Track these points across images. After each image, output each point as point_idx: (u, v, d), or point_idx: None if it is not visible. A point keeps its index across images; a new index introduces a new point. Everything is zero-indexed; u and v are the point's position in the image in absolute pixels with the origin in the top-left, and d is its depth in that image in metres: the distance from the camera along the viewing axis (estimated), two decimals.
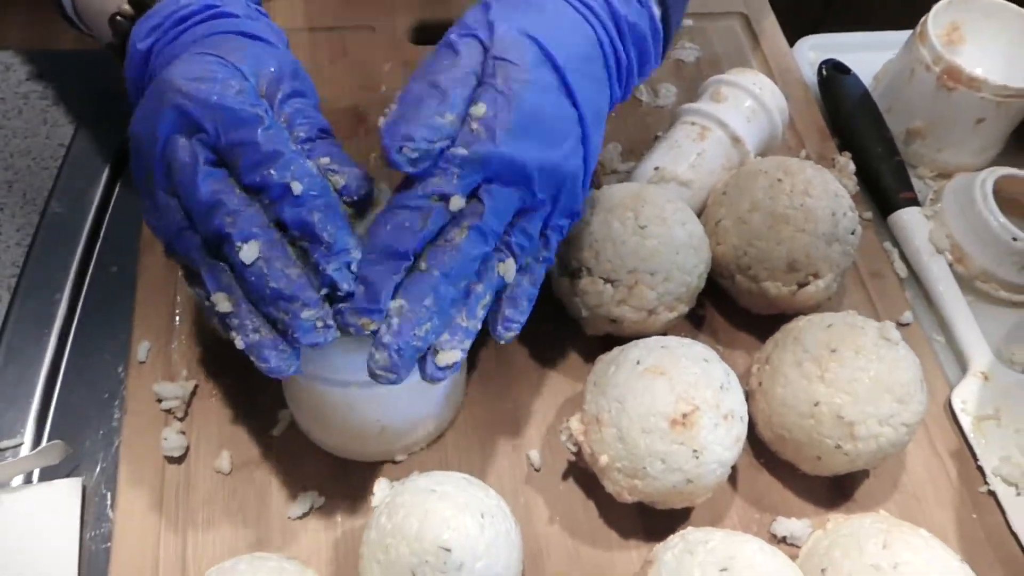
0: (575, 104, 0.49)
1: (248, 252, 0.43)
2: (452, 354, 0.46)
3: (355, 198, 0.47)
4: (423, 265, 0.45)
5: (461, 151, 0.45)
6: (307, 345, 0.43)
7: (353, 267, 0.44)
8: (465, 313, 0.46)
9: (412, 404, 0.55)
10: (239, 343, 0.44)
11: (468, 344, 0.46)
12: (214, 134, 0.44)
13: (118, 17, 0.52)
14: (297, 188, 0.44)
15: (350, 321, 0.44)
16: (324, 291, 0.44)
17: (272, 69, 0.48)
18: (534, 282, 0.50)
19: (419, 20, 0.83)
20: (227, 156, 0.45)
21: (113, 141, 0.73)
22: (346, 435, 0.56)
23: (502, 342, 0.49)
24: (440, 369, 0.46)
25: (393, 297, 0.44)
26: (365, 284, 0.44)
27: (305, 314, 0.43)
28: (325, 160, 0.46)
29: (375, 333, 0.44)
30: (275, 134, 0.45)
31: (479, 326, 0.47)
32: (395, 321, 0.44)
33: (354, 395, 0.50)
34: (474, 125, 0.45)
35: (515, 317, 0.49)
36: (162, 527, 0.54)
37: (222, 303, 0.44)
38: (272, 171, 0.44)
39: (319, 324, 0.43)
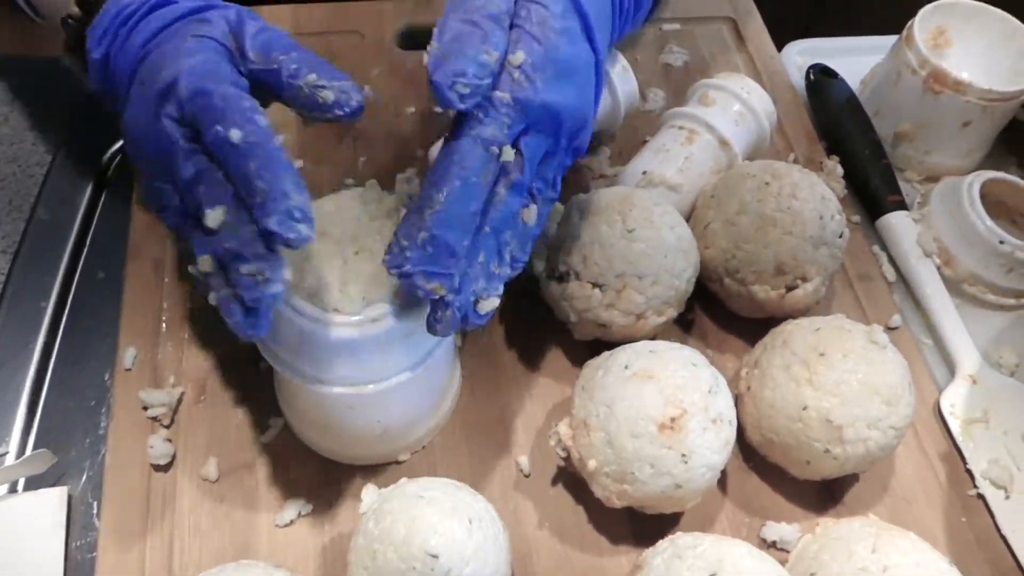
0: (594, 49, 0.50)
1: (213, 217, 0.43)
2: (491, 302, 0.46)
3: (347, 110, 0.46)
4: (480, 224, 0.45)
5: (507, 97, 0.45)
6: (250, 303, 0.43)
7: (296, 214, 0.42)
8: (498, 261, 0.47)
9: (412, 402, 0.55)
10: (211, 298, 0.44)
11: (502, 289, 0.47)
12: (180, 104, 0.44)
13: (69, 20, 0.52)
14: (236, 136, 0.42)
15: (420, 285, 0.44)
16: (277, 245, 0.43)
17: (232, 17, 0.48)
18: (539, 223, 0.50)
19: (407, 25, 0.83)
20: (193, 121, 0.44)
21: (100, 148, 0.72)
22: (346, 438, 0.55)
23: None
24: (481, 316, 0.46)
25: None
26: (437, 246, 0.44)
27: (244, 268, 0.42)
28: (312, 77, 0.46)
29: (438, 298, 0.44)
30: (228, 89, 0.44)
31: (508, 271, 0.48)
32: (456, 280, 0.45)
33: (354, 396, 0.49)
34: (515, 73, 0.45)
35: (520, 257, 0.49)
36: (148, 535, 0.53)
37: (204, 264, 0.44)
38: (219, 126, 0.43)
39: (258, 278, 0.42)
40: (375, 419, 0.54)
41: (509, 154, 0.45)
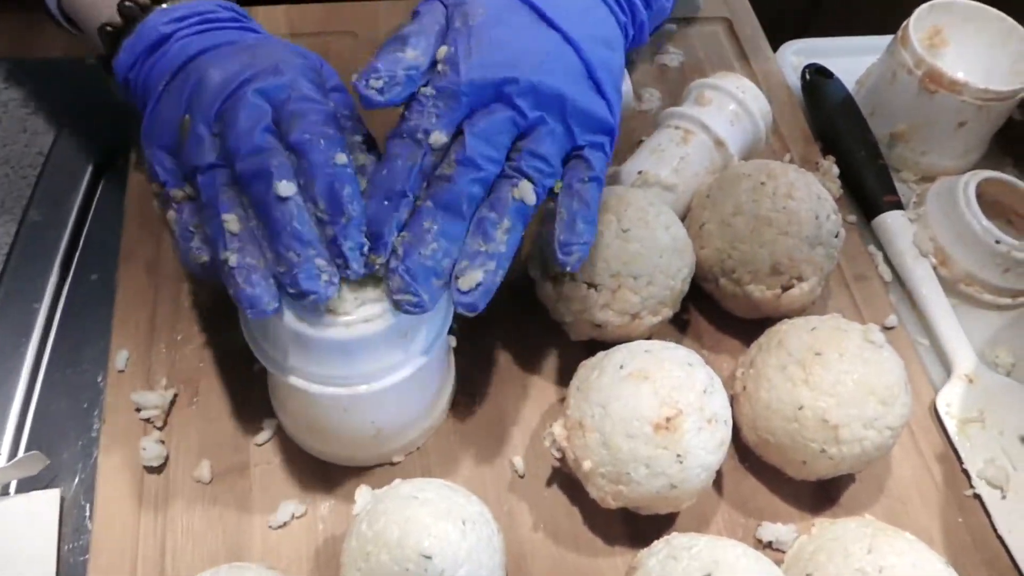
0: (555, 27, 0.51)
1: (285, 188, 0.45)
2: (473, 275, 0.47)
3: None
4: (421, 202, 0.47)
5: (429, 89, 0.48)
6: (304, 290, 0.44)
7: (365, 250, 0.46)
8: (482, 239, 0.47)
9: (406, 403, 0.55)
10: (233, 259, 0.45)
11: (493, 265, 0.47)
12: (282, 99, 0.47)
13: (107, 28, 0.54)
14: (341, 159, 0.46)
15: (354, 259, 0.46)
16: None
17: (319, 65, 0.52)
18: (587, 202, 0.50)
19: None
20: (285, 118, 0.47)
21: (93, 149, 0.72)
22: (341, 440, 0.55)
23: (568, 269, 0.50)
24: (464, 293, 0.47)
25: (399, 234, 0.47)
26: (369, 224, 0.46)
27: (318, 261, 0.45)
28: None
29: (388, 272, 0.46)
30: (333, 111, 0.49)
31: (504, 248, 0.48)
32: (400, 249, 0.46)
33: (347, 397, 0.49)
34: (440, 66, 0.49)
35: (572, 240, 0.50)
36: (141, 538, 0.53)
37: (232, 223, 0.45)
38: (322, 140, 0.46)
39: (325, 277, 0.45)
40: (369, 420, 0.53)
41: (439, 138, 0.47)
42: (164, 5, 0.53)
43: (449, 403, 0.60)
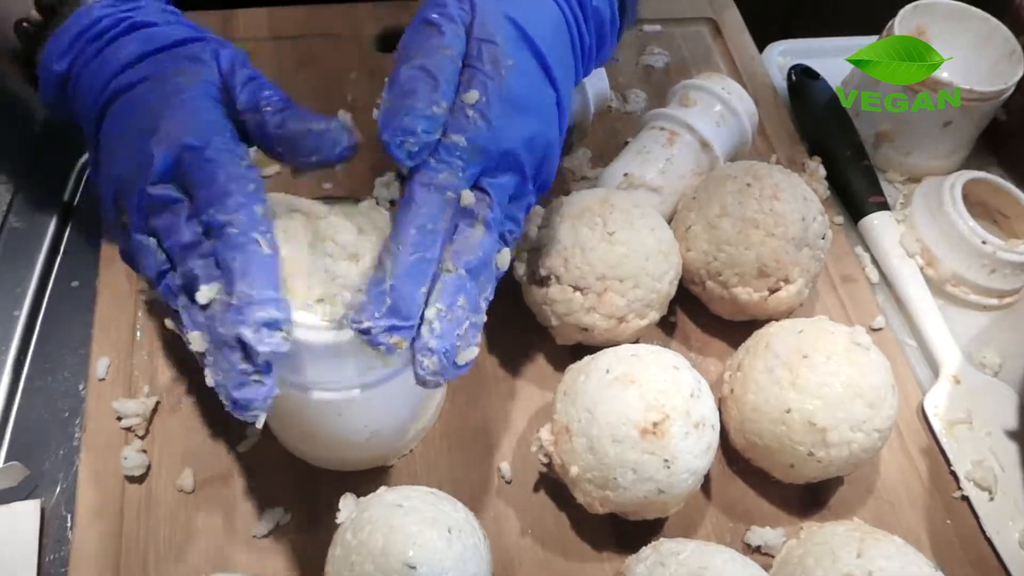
0: (553, 85, 0.49)
1: (204, 294, 0.42)
2: (471, 351, 0.45)
3: (337, 152, 0.45)
4: (450, 266, 0.44)
5: (461, 141, 0.44)
6: (234, 399, 0.41)
7: (284, 327, 0.41)
8: (474, 310, 0.45)
9: (401, 406, 0.54)
10: (209, 380, 0.42)
11: (479, 339, 0.45)
12: (178, 166, 0.43)
13: (24, 24, 0.50)
14: (230, 225, 0.42)
15: (381, 340, 0.42)
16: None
17: (225, 62, 0.47)
18: (504, 264, 0.48)
19: (385, 28, 0.82)
20: (189, 187, 0.43)
21: (74, 155, 0.71)
22: (335, 444, 0.54)
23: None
24: (460, 368, 0.44)
25: (427, 303, 0.43)
26: (394, 299, 0.42)
27: (243, 365, 0.41)
28: (297, 126, 0.45)
29: (413, 340, 0.43)
30: (231, 166, 0.43)
31: (484, 318, 0.46)
32: (436, 326, 0.43)
33: (342, 402, 0.48)
34: (469, 112, 0.45)
35: (488, 301, 0.48)
36: (123, 549, 0.52)
37: (197, 342, 0.42)
38: (213, 209, 0.42)
39: (253, 378, 0.41)
40: (363, 423, 0.53)
41: (468, 198, 0.44)
42: None
43: (441, 404, 0.59)
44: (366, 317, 0.42)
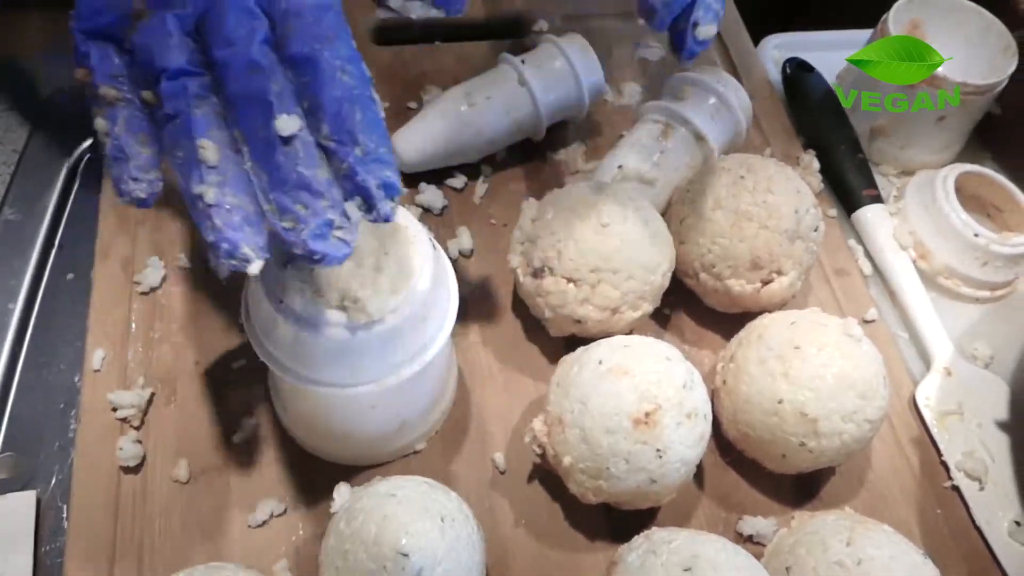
0: None
1: (288, 124, 0.37)
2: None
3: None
4: None
5: None
6: (311, 250, 0.37)
7: (399, 195, 0.38)
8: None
9: (427, 390, 0.55)
10: (211, 196, 0.36)
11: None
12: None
13: None
14: (344, 76, 0.37)
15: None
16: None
17: None
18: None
19: (380, 21, 0.82)
20: (280, 23, 0.38)
21: (68, 147, 0.71)
22: (367, 439, 0.55)
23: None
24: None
25: None
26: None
27: (331, 215, 0.37)
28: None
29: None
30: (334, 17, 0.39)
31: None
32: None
33: (377, 393, 0.48)
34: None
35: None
36: (118, 539, 0.52)
37: (209, 151, 0.37)
38: (323, 48, 0.37)
39: (337, 235, 0.37)
40: (395, 412, 0.53)
41: None
42: None
43: (457, 378, 0.60)
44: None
